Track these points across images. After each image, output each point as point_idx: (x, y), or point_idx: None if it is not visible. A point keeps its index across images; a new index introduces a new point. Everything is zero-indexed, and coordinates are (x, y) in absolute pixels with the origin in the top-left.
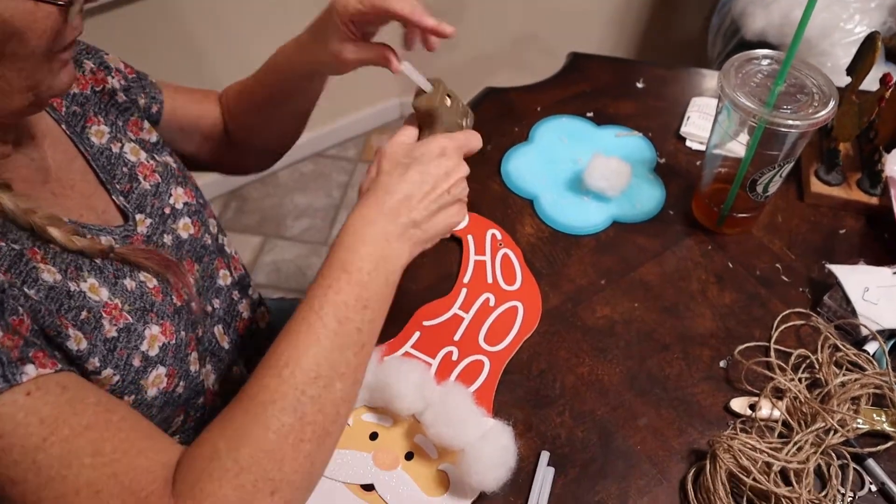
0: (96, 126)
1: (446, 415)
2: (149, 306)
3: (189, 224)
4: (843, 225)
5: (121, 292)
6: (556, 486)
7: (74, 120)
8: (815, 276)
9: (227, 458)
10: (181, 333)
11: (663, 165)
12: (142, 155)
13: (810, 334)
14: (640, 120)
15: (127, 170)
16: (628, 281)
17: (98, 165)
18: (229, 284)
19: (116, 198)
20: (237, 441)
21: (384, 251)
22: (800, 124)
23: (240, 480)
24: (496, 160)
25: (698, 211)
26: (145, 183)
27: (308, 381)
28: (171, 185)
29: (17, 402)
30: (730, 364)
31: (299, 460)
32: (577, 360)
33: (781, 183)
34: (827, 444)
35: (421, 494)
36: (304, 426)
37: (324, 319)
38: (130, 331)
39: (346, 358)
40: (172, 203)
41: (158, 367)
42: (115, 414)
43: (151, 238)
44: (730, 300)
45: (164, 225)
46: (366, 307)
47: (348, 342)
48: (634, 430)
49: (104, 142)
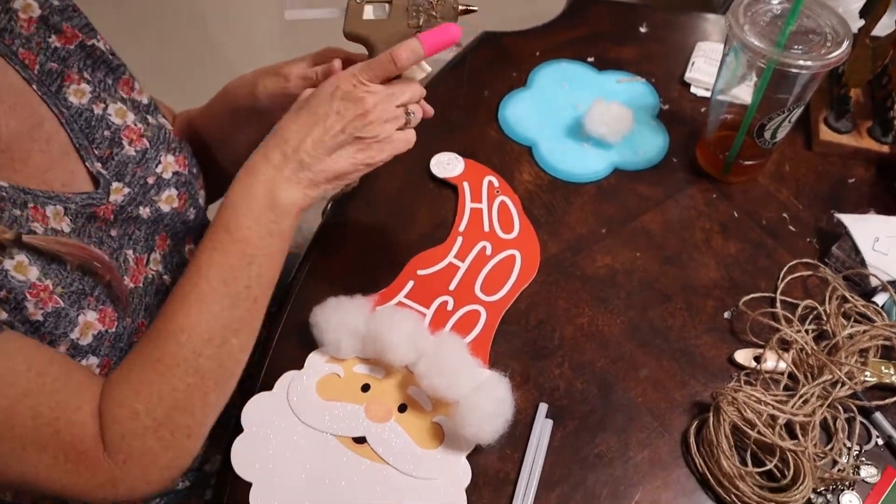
0: (75, 85)
1: (440, 365)
2: (89, 289)
3: (174, 196)
4: (852, 174)
5: (56, 273)
6: (555, 439)
7: (49, 78)
8: (824, 225)
9: (145, 417)
10: (126, 321)
11: (666, 112)
12: (129, 117)
13: (818, 285)
14: (643, 65)
15: (109, 133)
16: (630, 230)
17: (74, 128)
18: None
19: (91, 164)
20: (151, 402)
21: (268, 201)
22: (811, 65)
23: (160, 433)
24: (493, 106)
25: (703, 158)
26: (129, 148)
27: (203, 343)
28: (161, 152)
29: None
30: (734, 315)
31: (207, 407)
32: (577, 311)
33: (790, 129)
34: (834, 397)
35: (414, 447)
36: (206, 381)
37: (211, 282)
38: (59, 316)
39: (238, 315)
40: (159, 172)
41: (89, 356)
42: (48, 376)
43: (125, 209)
44: (735, 250)
45: (145, 196)
46: (251, 263)
47: (238, 300)
48: (635, 382)
49: (84, 102)
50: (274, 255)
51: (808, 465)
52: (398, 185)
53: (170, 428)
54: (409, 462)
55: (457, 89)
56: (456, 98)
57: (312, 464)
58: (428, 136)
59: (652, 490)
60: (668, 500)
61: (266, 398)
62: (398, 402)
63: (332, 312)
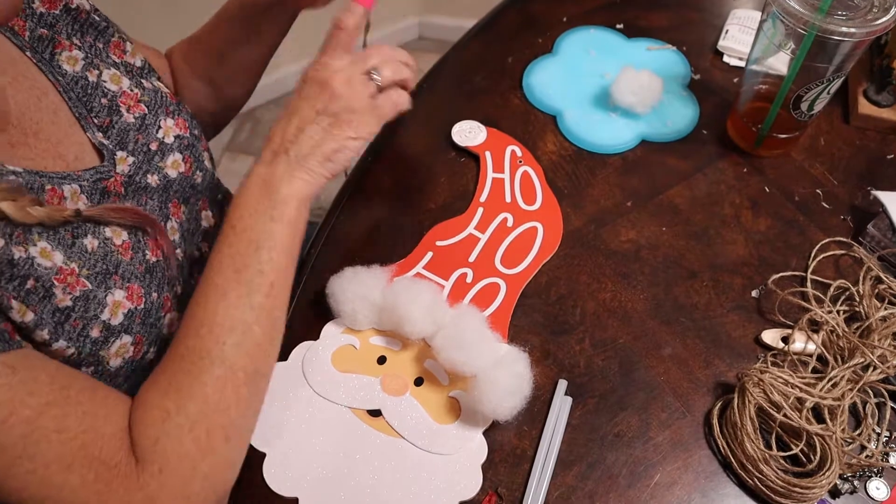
0: (67, 52)
1: (458, 339)
2: (113, 268)
3: (179, 161)
4: (891, 150)
5: (78, 255)
6: (573, 417)
7: (41, 45)
8: (859, 203)
9: (178, 417)
10: (152, 296)
11: (697, 82)
12: (124, 83)
13: (851, 265)
14: (674, 33)
15: (106, 101)
16: (656, 203)
17: (72, 97)
18: (213, 225)
19: (92, 135)
20: (182, 399)
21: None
22: (856, 32)
23: (195, 433)
24: (517, 73)
25: (734, 131)
26: (128, 115)
27: (225, 332)
28: (161, 117)
29: None
30: (762, 294)
31: (241, 403)
32: (599, 286)
33: (827, 102)
34: (864, 381)
35: (430, 421)
36: (235, 373)
37: (224, 273)
38: (89, 299)
39: (255, 302)
40: (161, 137)
41: (123, 335)
42: (72, 388)
43: (133, 178)
44: (765, 227)
45: (150, 163)
46: (259, 248)
47: (253, 287)
48: (658, 361)
49: (78, 69)
50: (281, 241)
51: (836, 450)
52: (418, 153)
53: (205, 427)
54: (424, 436)
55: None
56: (478, 65)
57: (326, 436)
58: (449, 104)
59: (672, 471)
60: (689, 481)
61: (281, 369)
62: (414, 376)
63: (348, 283)
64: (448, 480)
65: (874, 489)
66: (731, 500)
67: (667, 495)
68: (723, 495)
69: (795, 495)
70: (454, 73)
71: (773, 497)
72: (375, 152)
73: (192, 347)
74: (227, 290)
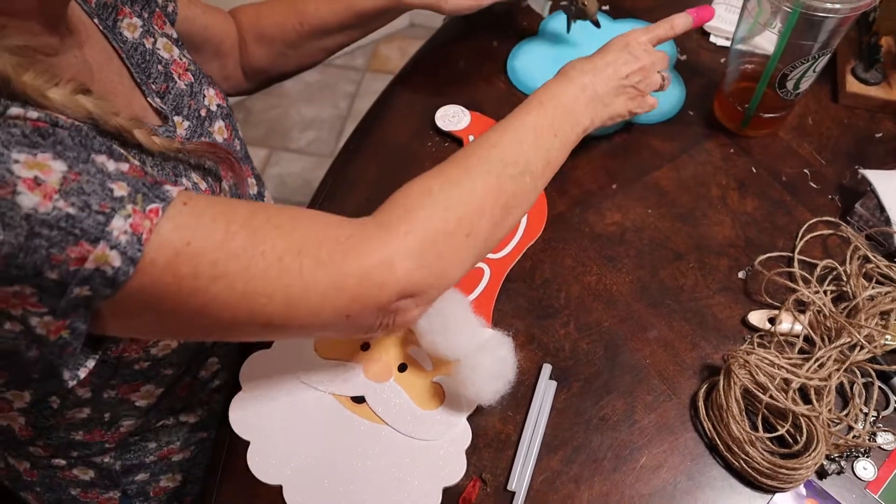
0: (128, 19)
1: (441, 322)
2: None
3: (223, 127)
4: (879, 128)
5: None
6: (558, 401)
7: (105, 13)
8: (847, 182)
9: (439, 195)
10: None
11: (684, 63)
12: (175, 52)
13: (838, 245)
14: (660, 13)
15: (161, 68)
16: (641, 185)
17: (133, 63)
18: (255, 194)
19: (152, 99)
20: (449, 185)
21: (573, 106)
22: (840, 7)
23: (447, 214)
24: (502, 56)
25: (721, 111)
26: (180, 82)
27: (509, 161)
28: (204, 86)
29: (181, 213)
30: (749, 275)
31: (492, 219)
32: (584, 269)
33: (814, 80)
34: (851, 361)
35: (414, 407)
36: (501, 192)
37: (525, 122)
38: None
39: (539, 158)
40: (207, 105)
41: None
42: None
43: (190, 141)
44: (752, 207)
45: (202, 127)
46: (556, 135)
47: (540, 149)
48: (643, 343)
49: (137, 36)
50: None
51: (822, 430)
52: (402, 139)
53: (457, 214)
54: (408, 422)
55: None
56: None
57: (310, 423)
58: (434, 88)
59: (658, 454)
60: (675, 464)
61: (264, 356)
62: (398, 362)
63: None
64: (432, 466)
65: (861, 469)
66: (718, 482)
67: (652, 478)
68: (709, 477)
69: (782, 476)
70: (438, 58)
71: (760, 479)
72: (359, 138)
73: (478, 154)
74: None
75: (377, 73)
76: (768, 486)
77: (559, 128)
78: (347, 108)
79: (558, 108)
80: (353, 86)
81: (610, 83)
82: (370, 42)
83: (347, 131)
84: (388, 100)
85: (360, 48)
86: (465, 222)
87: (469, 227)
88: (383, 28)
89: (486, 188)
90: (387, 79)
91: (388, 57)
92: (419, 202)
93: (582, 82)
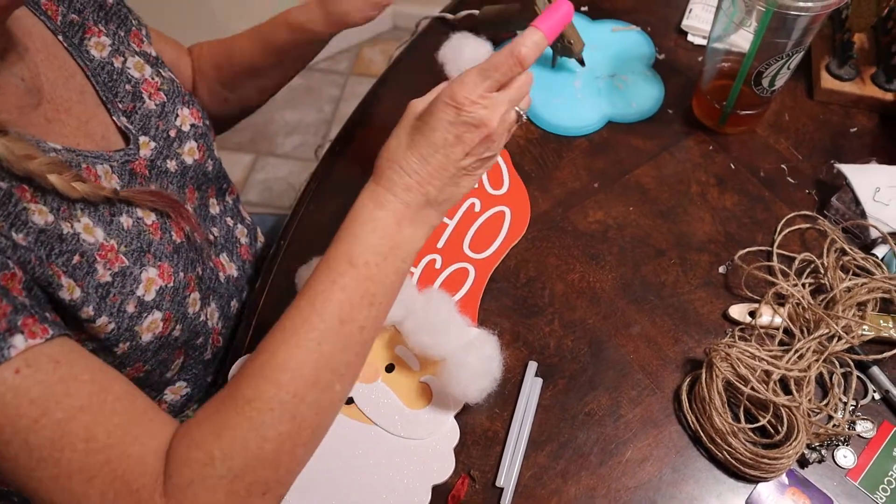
0: (96, 38)
1: (427, 322)
2: (146, 246)
3: (195, 148)
4: (854, 123)
5: (116, 232)
6: (544, 398)
7: (72, 30)
8: (823, 176)
9: (221, 466)
10: (179, 275)
11: (662, 62)
12: (146, 70)
13: (816, 238)
14: (639, 13)
15: (130, 87)
16: (623, 184)
17: (99, 82)
18: (219, 212)
19: (118, 118)
20: (232, 449)
21: (396, 239)
22: (812, 6)
23: (233, 487)
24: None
25: (699, 109)
26: (150, 102)
27: (307, 386)
28: (178, 105)
29: (5, 382)
30: (729, 270)
31: (294, 462)
32: (568, 267)
33: (789, 77)
34: (830, 352)
35: (402, 407)
36: (301, 431)
37: (326, 320)
38: (126, 275)
39: (347, 359)
40: (179, 125)
41: (154, 311)
42: (110, 394)
43: (155, 163)
44: (731, 203)
45: (169, 149)
46: (372, 304)
47: (350, 343)
48: (627, 339)
49: (105, 55)
50: (392, 297)
51: (803, 420)
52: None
53: (246, 483)
54: (396, 422)
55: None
56: None
57: None
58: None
59: (643, 447)
60: (659, 457)
61: None
62: (385, 362)
63: None
64: (421, 465)
65: (841, 457)
66: (702, 473)
67: (638, 471)
68: (693, 469)
69: (764, 466)
70: (421, 61)
71: (743, 469)
72: (344, 141)
73: (266, 394)
74: (323, 338)
75: (361, 77)
76: (751, 475)
77: (377, 291)
78: (332, 112)
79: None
80: (337, 89)
81: (443, 176)
82: (354, 45)
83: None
84: (373, 103)
85: (343, 52)
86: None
87: (264, 487)
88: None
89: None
90: (370, 82)
91: (372, 60)
92: (201, 476)
93: (403, 201)
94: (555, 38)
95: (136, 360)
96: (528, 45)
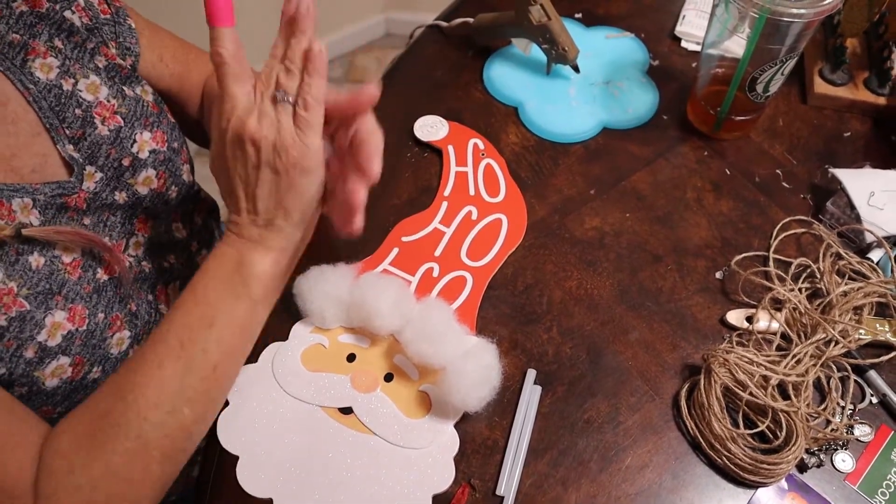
0: (41, 59)
1: (426, 331)
2: (56, 288)
3: (152, 177)
4: (847, 127)
5: (20, 273)
6: (544, 405)
7: (12, 52)
8: (818, 181)
9: (80, 475)
10: (98, 316)
11: (657, 68)
12: (102, 92)
13: (812, 243)
14: (633, 20)
15: (80, 111)
16: (619, 190)
17: (43, 107)
18: (186, 236)
19: (62, 147)
20: (90, 459)
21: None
22: (805, 13)
23: (93, 497)
24: (478, 66)
25: (694, 115)
26: (103, 128)
27: (149, 407)
28: (137, 130)
29: None
30: (726, 275)
31: (148, 480)
32: (565, 274)
33: (783, 82)
34: (827, 356)
35: (401, 416)
36: (150, 451)
37: (168, 343)
38: (25, 319)
39: (192, 383)
40: (135, 152)
41: (60, 357)
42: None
43: (99, 195)
44: (727, 208)
45: (119, 180)
46: (211, 326)
47: (193, 365)
48: (625, 346)
49: (52, 77)
50: (240, 321)
51: (801, 425)
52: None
53: (104, 494)
54: (396, 432)
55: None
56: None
57: (299, 436)
58: (412, 99)
59: (642, 454)
60: (659, 463)
61: (251, 370)
62: (384, 372)
63: (314, 282)
64: (421, 474)
65: (840, 462)
66: (702, 479)
67: (638, 478)
68: (693, 475)
69: (763, 471)
70: (415, 69)
71: (742, 474)
72: None
73: (113, 409)
74: (164, 361)
75: (355, 84)
76: (751, 481)
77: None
78: None
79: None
80: None
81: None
82: (347, 52)
83: None
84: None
85: (337, 59)
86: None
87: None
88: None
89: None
90: None
91: (366, 67)
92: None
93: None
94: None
95: (43, 403)
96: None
